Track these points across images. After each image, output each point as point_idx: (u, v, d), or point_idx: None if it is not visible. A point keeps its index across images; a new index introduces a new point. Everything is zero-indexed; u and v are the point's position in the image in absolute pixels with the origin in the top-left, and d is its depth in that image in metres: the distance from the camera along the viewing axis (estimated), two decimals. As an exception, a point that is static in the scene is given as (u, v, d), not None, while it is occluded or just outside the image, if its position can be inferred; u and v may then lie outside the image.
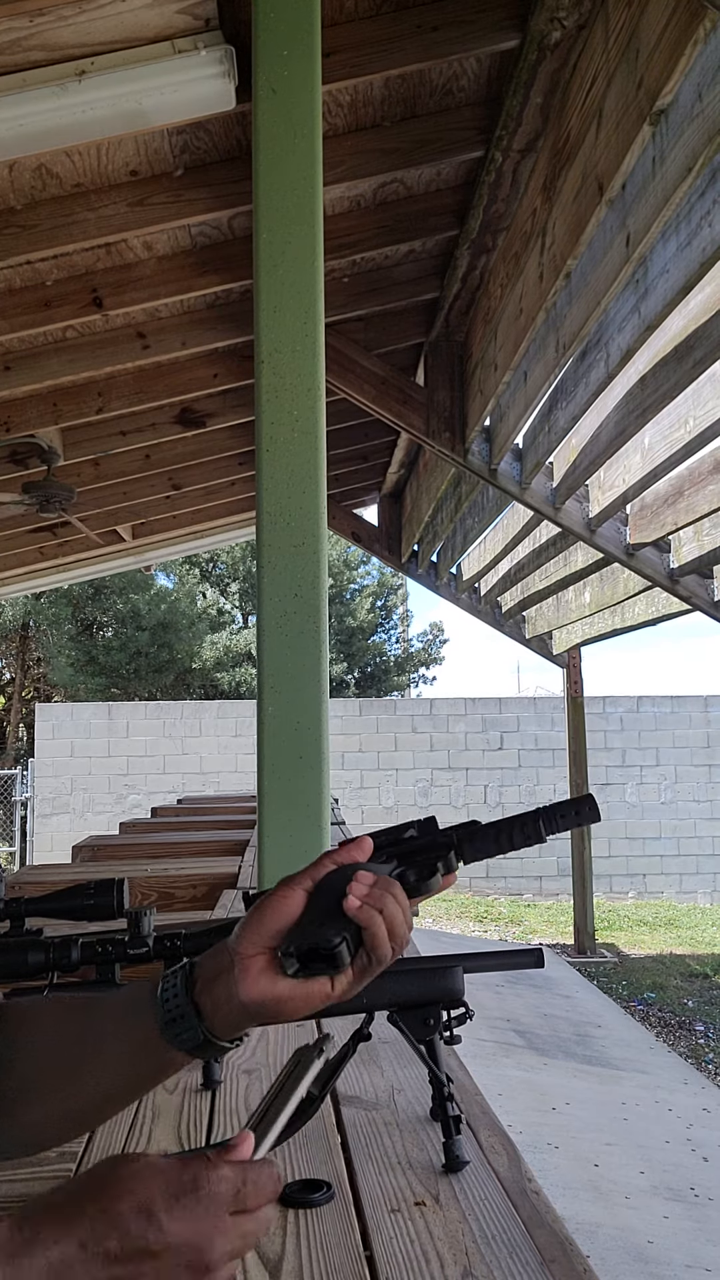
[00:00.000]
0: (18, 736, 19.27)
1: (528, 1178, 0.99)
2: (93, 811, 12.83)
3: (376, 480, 7.44)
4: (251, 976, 0.71)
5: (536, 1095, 5.35)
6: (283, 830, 1.86)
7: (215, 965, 0.74)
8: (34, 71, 2.28)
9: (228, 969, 0.72)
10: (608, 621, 7.85)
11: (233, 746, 13.02)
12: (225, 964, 0.73)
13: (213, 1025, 0.73)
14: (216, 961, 0.74)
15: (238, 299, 3.96)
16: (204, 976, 0.74)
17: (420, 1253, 0.86)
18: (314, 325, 1.94)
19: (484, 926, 11.13)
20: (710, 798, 13.08)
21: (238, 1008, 0.72)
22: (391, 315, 4.56)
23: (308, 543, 1.90)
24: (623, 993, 8.19)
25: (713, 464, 4.39)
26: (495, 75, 3.00)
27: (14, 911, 1.08)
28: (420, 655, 21.96)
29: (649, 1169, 4.52)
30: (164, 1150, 1.09)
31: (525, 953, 1.08)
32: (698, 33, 1.96)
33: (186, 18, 2.26)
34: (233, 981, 0.71)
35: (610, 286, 2.87)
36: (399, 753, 13.05)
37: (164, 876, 2.97)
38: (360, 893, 0.73)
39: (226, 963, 0.72)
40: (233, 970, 0.72)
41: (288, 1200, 0.95)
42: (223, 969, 0.73)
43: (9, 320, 3.50)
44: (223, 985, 0.72)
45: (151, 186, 3.03)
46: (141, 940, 1.03)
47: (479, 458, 4.69)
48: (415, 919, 0.80)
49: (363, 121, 3.09)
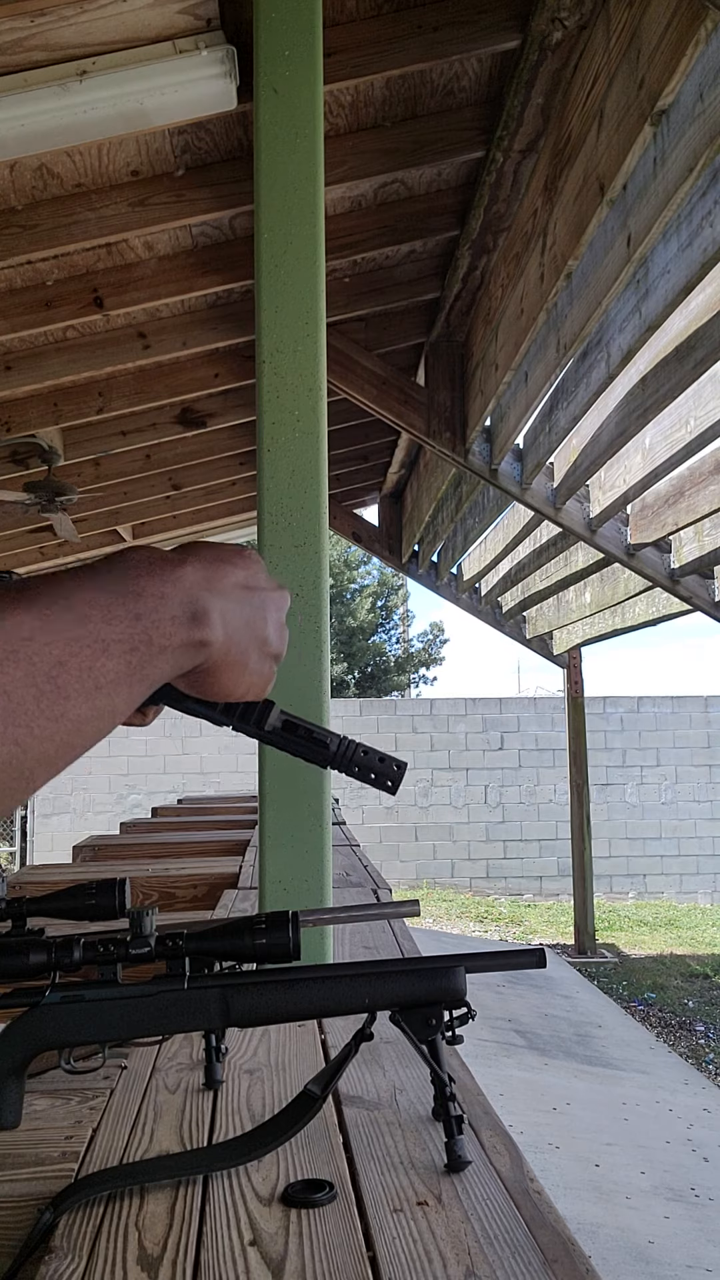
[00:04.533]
0: (18, 736, 19.26)
1: (530, 1178, 0.99)
2: (93, 811, 12.84)
3: (377, 480, 7.45)
4: None
5: (537, 1095, 5.35)
6: (284, 830, 1.86)
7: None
8: (35, 71, 2.28)
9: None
10: (608, 622, 7.85)
11: (233, 746, 13.02)
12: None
13: None
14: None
15: (238, 299, 3.96)
16: None
17: (423, 1253, 0.86)
18: (315, 325, 1.94)
19: (484, 927, 11.13)
20: (710, 798, 13.08)
21: None
22: (392, 315, 4.56)
23: (309, 542, 1.90)
24: (623, 993, 8.19)
25: (713, 464, 4.39)
26: (496, 75, 3.00)
27: (15, 911, 1.08)
28: (420, 655, 21.97)
29: (650, 1169, 4.52)
30: (167, 1150, 1.09)
31: (527, 953, 1.08)
32: (699, 33, 1.97)
33: (188, 18, 2.26)
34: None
35: (611, 287, 2.87)
36: (399, 753, 13.06)
37: (165, 876, 2.97)
38: None
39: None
40: None
41: (290, 1200, 0.95)
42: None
43: (10, 320, 3.51)
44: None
45: (152, 186, 3.03)
46: (143, 940, 1.03)
47: (479, 458, 4.69)
48: (416, 920, 0.79)
49: (364, 122, 3.09)
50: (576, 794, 9.40)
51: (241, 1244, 0.88)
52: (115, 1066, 1.34)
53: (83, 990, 1.02)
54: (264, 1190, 0.98)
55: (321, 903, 1.85)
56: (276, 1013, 1.03)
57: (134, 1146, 1.11)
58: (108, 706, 0.52)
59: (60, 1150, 1.09)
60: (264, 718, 0.71)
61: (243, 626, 0.62)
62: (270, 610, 0.64)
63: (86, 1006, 1.01)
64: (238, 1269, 0.84)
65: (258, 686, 0.65)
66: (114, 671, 0.52)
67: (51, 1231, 0.92)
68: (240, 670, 0.63)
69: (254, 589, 0.63)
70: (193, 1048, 1.41)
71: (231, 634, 0.61)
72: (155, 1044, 1.40)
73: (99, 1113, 1.20)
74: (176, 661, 0.58)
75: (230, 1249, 0.88)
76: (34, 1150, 1.09)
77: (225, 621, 0.60)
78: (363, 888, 2.82)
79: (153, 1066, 1.35)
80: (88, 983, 1.03)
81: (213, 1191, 0.98)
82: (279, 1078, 1.30)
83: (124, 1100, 1.24)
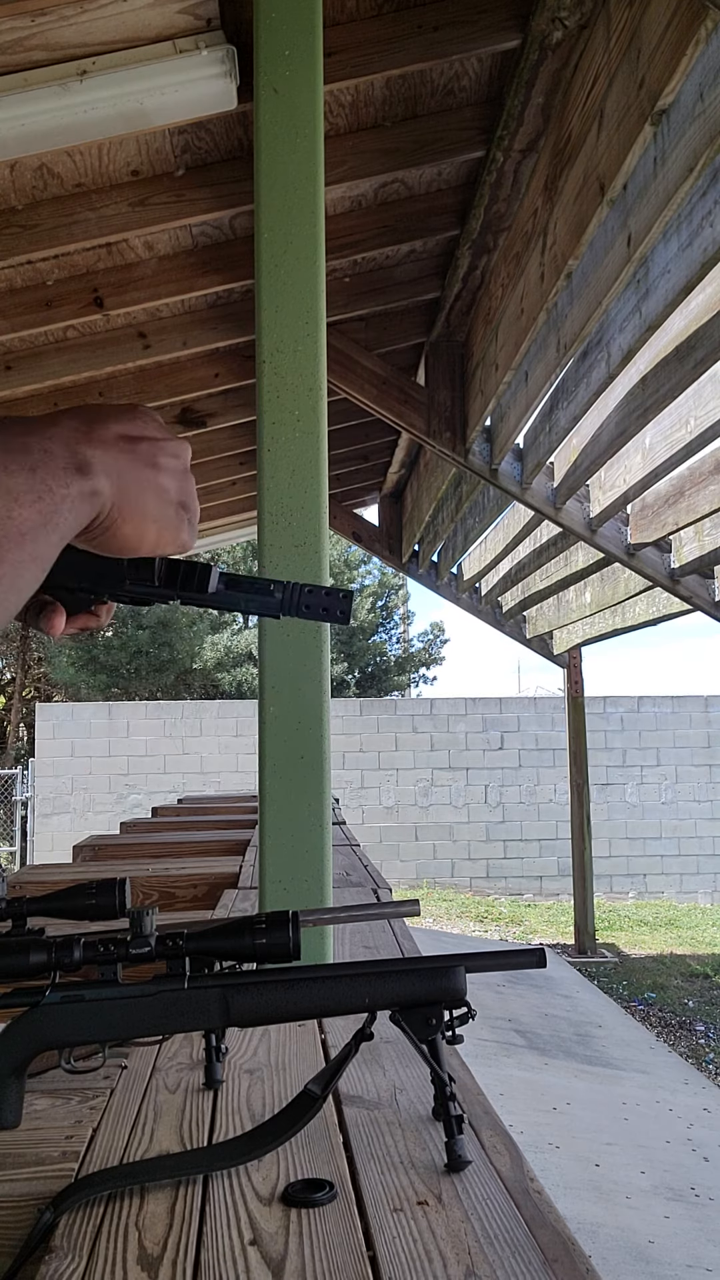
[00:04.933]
0: (18, 736, 19.28)
1: (530, 1177, 0.99)
2: (93, 811, 12.83)
3: (377, 480, 7.44)
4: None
5: (537, 1095, 5.35)
6: (284, 830, 1.86)
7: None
8: (35, 71, 2.28)
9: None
10: (608, 621, 7.85)
11: (233, 746, 13.02)
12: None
13: None
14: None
15: (239, 299, 3.96)
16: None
17: (423, 1252, 0.86)
18: (315, 325, 1.94)
19: (484, 927, 11.13)
20: (710, 798, 13.08)
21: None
22: (392, 315, 4.56)
23: (309, 542, 1.90)
24: (623, 993, 8.19)
25: (714, 464, 4.39)
26: (496, 75, 3.00)
27: (16, 911, 1.08)
28: (421, 655, 21.96)
29: (650, 1169, 4.52)
30: (167, 1150, 1.09)
31: (527, 953, 1.08)
32: (699, 33, 1.96)
33: (188, 17, 2.26)
34: None
35: (611, 287, 2.87)
36: (399, 752, 13.05)
37: (165, 876, 2.97)
38: None
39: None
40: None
41: (290, 1200, 0.95)
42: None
43: (10, 320, 3.50)
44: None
45: (153, 186, 3.03)
46: (143, 940, 1.03)
47: (480, 458, 4.69)
48: (416, 920, 0.79)
49: (364, 121, 3.09)
50: (576, 794, 9.40)
51: (242, 1244, 0.88)
52: (115, 1066, 1.34)
53: (83, 990, 1.02)
54: (264, 1190, 0.98)
55: (321, 903, 1.85)
56: (276, 1013, 1.03)
57: (134, 1146, 1.11)
58: (34, 553, 0.58)
59: (60, 1150, 1.09)
60: (205, 581, 0.72)
61: (132, 475, 0.64)
62: (162, 457, 0.66)
63: (86, 1006, 1.01)
64: (238, 1269, 0.85)
65: (167, 536, 0.67)
66: (30, 520, 0.57)
67: (51, 1231, 0.92)
68: (141, 518, 0.65)
69: (138, 438, 0.65)
70: (193, 1048, 1.41)
71: (122, 483, 0.64)
72: (155, 1044, 1.40)
73: (99, 1112, 1.20)
74: (76, 512, 0.61)
75: (230, 1249, 0.88)
76: (34, 1150, 1.09)
77: (110, 471, 0.63)
78: (363, 887, 2.82)
79: (153, 1066, 1.35)
80: (88, 982, 1.03)
81: (213, 1191, 0.98)
82: (279, 1078, 1.30)
83: (124, 1100, 1.24)
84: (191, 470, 0.70)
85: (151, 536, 0.66)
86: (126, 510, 0.64)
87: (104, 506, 0.63)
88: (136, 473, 0.65)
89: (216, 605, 0.74)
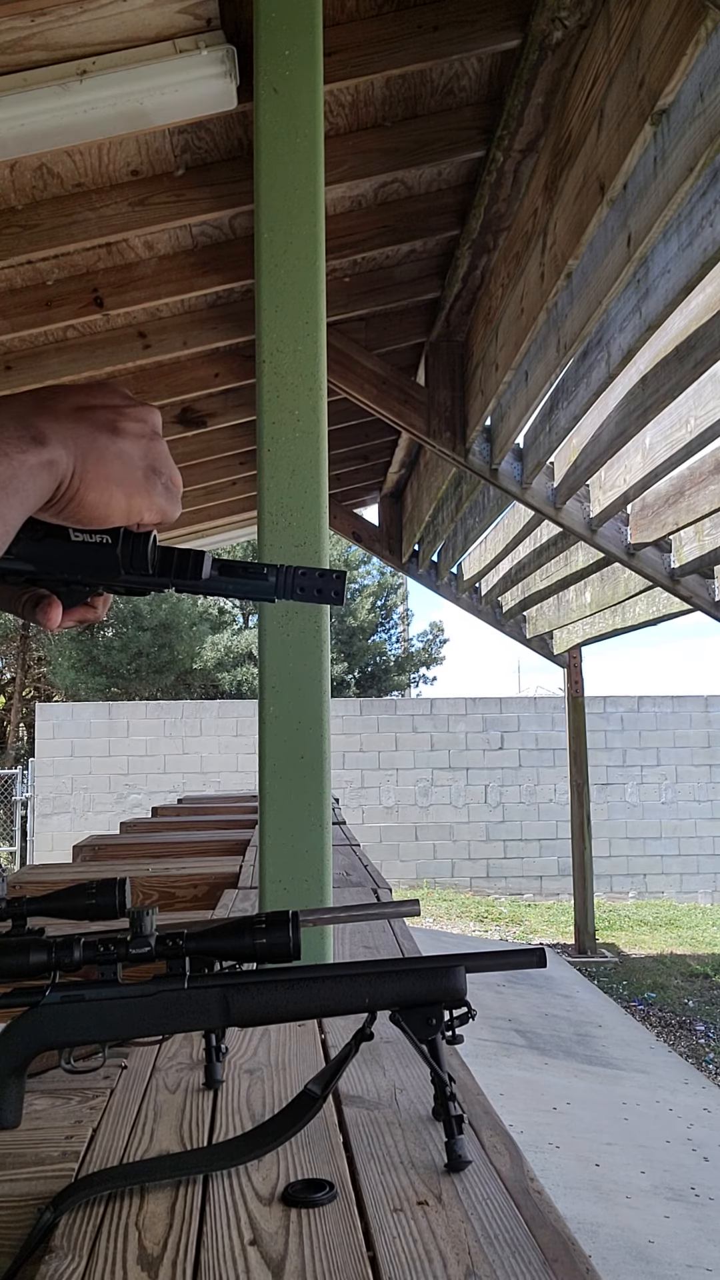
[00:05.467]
0: (18, 736, 19.27)
1: (530, 1177, 0.99)
2: (93, 811, 12.83)
3: (377, 480, 7.44)
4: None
5: (537, 1095, 5.35)
6: (284, 830, 1.86)
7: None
8: (35, 71, 2.28)
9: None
10: (608, 621, 7.85)
11: (233, 746, 13.02)
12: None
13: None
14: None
15: (239, 298, 3.96)
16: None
17: (423, 1252, 0.86)
18: (315, 325, 1.94)
19: (484, 926, 11.13)
20: (710, 798, 13.08)
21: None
22: (392, 315, 4.56)
23: (309, 542, 1.90)
24: (623, 993, 8.19)
25: (714, 464, 4.39)
26: (496, 75, 3.00)
27: (16, 911, 1.08)
28: (420, 655, 21.96)
29: (650, 1169, 4.52)
30: (167, 1150, 1.09)
31: (527, 952, 1.08)
32: (699, 33, 1.96)
33: (188, 17, 2.26)
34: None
35: (611, 286, 2.87)
36: (399, 752, 13.05)
37: (165, 876, 2.97)
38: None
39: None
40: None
41: (290, 1200, 0.95)
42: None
43: (10, 320, 3.50)
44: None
45: (153, 186, 3.03)
46: (143, 940, 1.03)
47: (480, 457, 4.69)
48: (416, 920, 0.79)
49: (364, 121, 3.09)
50: (576, 794, 9.40)
51: (242, 1243, 0.88)
52: (115, 1066, 1.34)
53: (83, 990, 1.02)
54: (264, 1190, 0.98)
55: (321, 902, 1.85)
56: (277, 1012, 1.03)
57: (134, 1146, 1.11)
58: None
59: (60, 1150, 1.09)
60: (199, 568, 0.72)
61: (89, 441, 0.64)
62: (123, 421, 0.66)
63: (87, 1006, 1.01)
64: (238, 1268, 0.85)
65: (140, 502, 0.67)
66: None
67: (52, 1231, 0.92)
68: (105, 484, 0.65)
69: (96, 407, 0.66)
70: (193, 1047, 1.41)
71: (81, 450, 0.64)
72: (155, 1044, 1.40)
73: (99, 1112, 1.20)
74: (36, 480, 0.61)
75: (230, 1249, 0.88)
76: (34, 1150, 1.09)
77: (66, 440, 0.63)
78: (363, 887, 2.82)
79: (153, 1066, 1.35)
80: (88, 982, 1.03)
81: (213, 1191, 0.98)
82: (279, 1077, 1.30)
83: (124, 1100, 1.24)
84: (191, 470, 0.70)
85: (121, 502, 0.66)
86: (90, 477, 0.64)
87: (64, 475, 0.63)
88: (94, 439, 0.65)
89: (211, 591, 0.74)
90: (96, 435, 0.65)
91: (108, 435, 0.65)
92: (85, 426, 0.65)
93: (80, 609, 0.72)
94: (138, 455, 0.66)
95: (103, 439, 0.65)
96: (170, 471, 0.69)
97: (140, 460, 0.67)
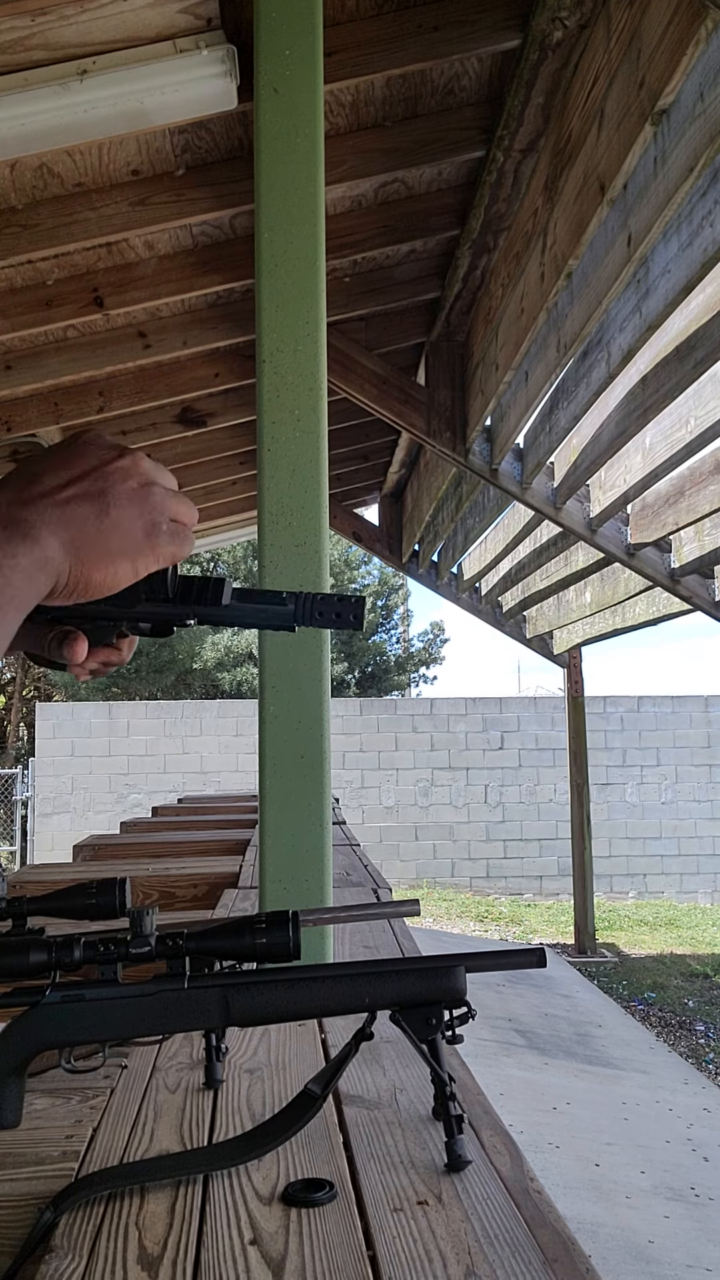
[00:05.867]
0: (18, 736, 19.27)
1: (530, 1177, 0.99)
2: (93, 811, 12.83)
3: (377, 480, 7.44)
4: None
5: (537, 1095, 5.35)
6: (284, 829, 1.86)
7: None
8: (35, 71, 2.28)
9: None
10: (608, 621, 7.85)
11: (233, 746, 13.02)
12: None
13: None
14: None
15: (239, 298, 3.96)
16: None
17: (423, 1252, 0.86)
18: (315, 324, 1.94)
19: (484, 926, 11.13)
20: (710, 798, 13.08)
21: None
22: (393, 315, 4.56)
23: (309, 542, 1.90)
24: (623, 993, 8.19)
25: (714, 464, 4.39)
26: (496, 75, 3.00)
27: (16, 910, 1.08)
28: (421, 655, 21.96)
29: (649, 1169, 4.52)
30: (167, 1150, 1.09)
31: (527, 952, 1.08)
32: (699, 33, 1.96)
33: (188, 17, 2.26)
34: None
35: (612, 286, 2.87)
36: (399, 752, 13.05)
37: (165, 876, 2.97)
38: None
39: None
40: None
41: (290, 1200, 0.95)
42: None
43: (10, 319, 3.50)
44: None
45: (153, 186, 3.03)
46: (143, 939, 1.03)
47: (480, 457, 4.69)
48: (416, 920, 0.79)
49: (364, 121, 3.09)
50: (576, 794, 9.40)
51: (242, 1243, 0.88)
52: (115, 1066, 1.34)
53: (83, 990, 1.02)
54: (264, 1190, 0.98)
55: (321, 902, 1.85)
56: (277, 1012, 1.03)
57: (134, 1146, 1.11)
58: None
59: (60, 1150, 1.09)
60: (218, 596, 0.71)
61: (81, 524, 0.61)
62: (113, 488, 0.63)
63: (87, 1006, 1.01)
64: (238, 1268, 0.85)
65: (145, 562, 0.64)
66: None
67: (52, 1231, 0.92)
68: (107, 560, 0.62)
69: (79, 477, 0.62)
70: (193, 1047, 1.41)
71: (74, 536, 0.61)
72: (155, 1043, 1.40)
73: (99, 1112, 1.20)
74: (32, 581, 0.58)
75: (230, 1248, 0.88)
76: (34, 1150, 1.09)
77: (56, 529, 0.60)
78: (363, 887, 2.82)
79: (153, 1066, 1.35)
80: (88, 982, 1.03)
81: (213, 1191, 0.98)
82: (279, 1077, 1.30)
83: (124, 1100, 1.24)
84: (191, 470, 0.69)
85: (126, 570, 0.63)
86: (89, 560, 0.61)
87: (61, 571, 0.60)
88: (85, 523, 0.61)
89: (231, 621, 0.73)
90: (86, 517, 0.62)
91: (97, 513, 0.62)
92: (73, 509, 0.61)
93: (105, 650, 0.71)
94: (133, 518, 0.63)
95: (93, 519, 0.62)
96: (172, 511, 0.66)
97: (137, 521, 0.64)
